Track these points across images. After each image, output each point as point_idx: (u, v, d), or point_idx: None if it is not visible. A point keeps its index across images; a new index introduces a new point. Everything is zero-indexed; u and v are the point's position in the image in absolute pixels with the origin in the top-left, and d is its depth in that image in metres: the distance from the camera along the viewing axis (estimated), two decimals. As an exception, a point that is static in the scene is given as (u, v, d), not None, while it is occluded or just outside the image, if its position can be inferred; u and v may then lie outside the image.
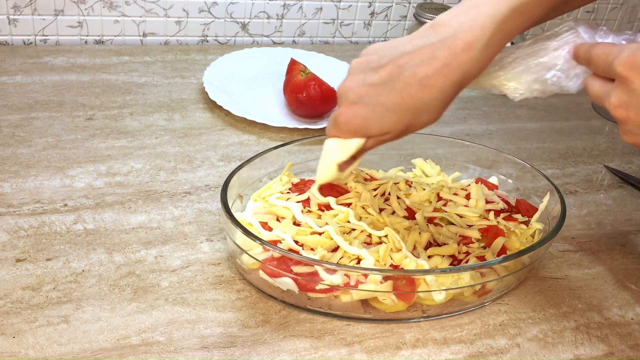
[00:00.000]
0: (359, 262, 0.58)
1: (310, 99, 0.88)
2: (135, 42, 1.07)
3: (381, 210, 0.65)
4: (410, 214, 0.65)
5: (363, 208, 0.64)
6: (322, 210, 0.64)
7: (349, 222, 0.62)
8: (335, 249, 0.59)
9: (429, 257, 0.60)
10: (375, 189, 0.68)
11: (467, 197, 0.67)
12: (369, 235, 0.61)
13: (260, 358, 0.54)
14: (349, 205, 0.65)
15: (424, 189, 0.68)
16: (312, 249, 0.59)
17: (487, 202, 0.67)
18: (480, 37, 0.49)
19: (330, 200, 0.64)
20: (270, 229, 0.61)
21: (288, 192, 0.66)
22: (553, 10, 0.53)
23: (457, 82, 0.51)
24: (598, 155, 0.93)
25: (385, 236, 0.60)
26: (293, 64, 0.93)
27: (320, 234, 0.60)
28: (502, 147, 0.90)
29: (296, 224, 0.62)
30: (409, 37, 0.53)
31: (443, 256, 0.60)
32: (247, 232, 0.57)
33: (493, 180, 0.74)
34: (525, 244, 0.63)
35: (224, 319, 0.58)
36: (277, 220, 0.62)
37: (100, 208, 0.69)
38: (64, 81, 0.92)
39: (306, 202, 0.65)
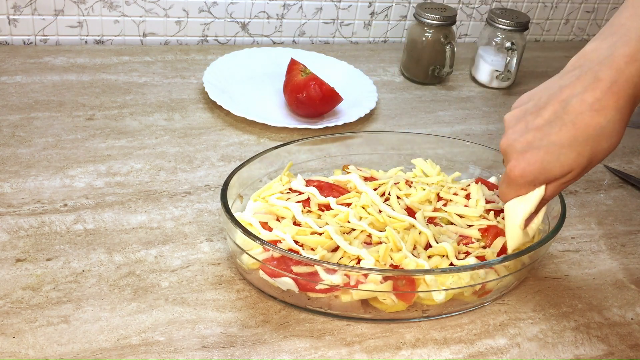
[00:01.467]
0: (359, 262, 0.58)
1: (310, 99, 0.88)
2: (135, 42, 1.07)
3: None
4: (410, 214, 0.65)
5: (363, 208, 0.64)
6: (322, 210, 0.64)
7: (349, 222, 0.62)
8: (335, 249, 0.59)
9: (429, 257, 0.60)
10: (375, 189, 0.68)
11: (467, 197, 0.67)
12: (369, 235, 0.61)
13: (260, 358, 0.54)
14: (349, 205, 0.65)
15: (424, 189, 0.68)
16: (312, 249, 0.59)
17: (487, 202, 0.67)
18: None
19: (330, 200, 0.64)
20: (270, 229, 0.61)
21: (288, 192, 0.66)
22: None
23: (630, 97, 0.49)
24: (598, 155, 0.93)
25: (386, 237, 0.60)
26: (293, 64, 0.93)
27: (320, 234, 0.60)
28: (502, 147, 0.90)
29: (296, 224, 0.62)
30: (558, 75, 0.52)
31: (443, 256, 0.60)
32: (247, 232, 0.57)
33: (493, 180, 0.74)
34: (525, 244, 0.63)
35: (224, 319, 0.58)
36: (277, 220, 0.62)
37: (100, 208, 0.69)
38: (64, 81, 0.92)
39: (306, 202, 0.65)
